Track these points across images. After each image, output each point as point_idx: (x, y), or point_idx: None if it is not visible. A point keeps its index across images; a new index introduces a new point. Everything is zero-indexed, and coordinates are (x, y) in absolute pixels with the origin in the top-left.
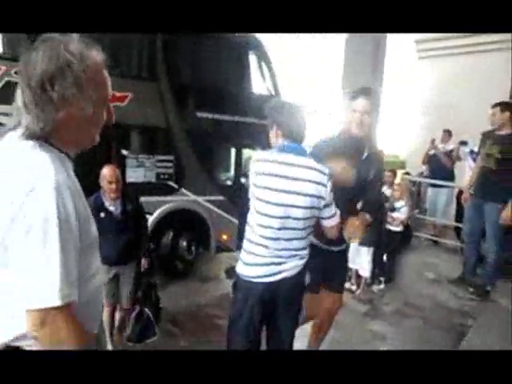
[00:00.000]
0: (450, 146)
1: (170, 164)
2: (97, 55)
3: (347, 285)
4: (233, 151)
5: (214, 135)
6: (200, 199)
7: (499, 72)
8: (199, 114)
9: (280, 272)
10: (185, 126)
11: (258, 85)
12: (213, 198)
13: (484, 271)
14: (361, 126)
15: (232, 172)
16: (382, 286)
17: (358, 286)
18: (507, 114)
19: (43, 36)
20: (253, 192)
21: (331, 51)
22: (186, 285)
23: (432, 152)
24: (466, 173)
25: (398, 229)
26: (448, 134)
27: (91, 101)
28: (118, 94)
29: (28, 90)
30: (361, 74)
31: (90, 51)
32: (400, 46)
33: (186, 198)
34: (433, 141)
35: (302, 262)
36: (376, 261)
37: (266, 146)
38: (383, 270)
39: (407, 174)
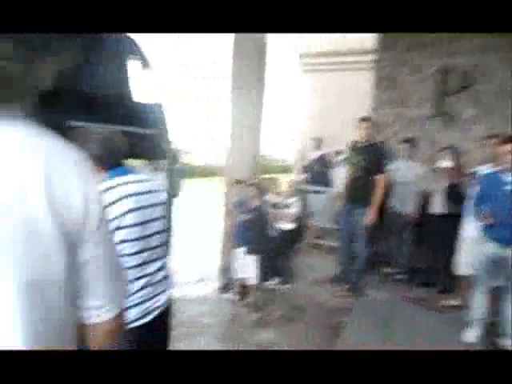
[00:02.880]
0: (318, 153)
1: None
2: None
3: (229, 295)
4: None
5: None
6: None
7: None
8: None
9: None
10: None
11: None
12: None
13: (356, 268)
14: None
15: None
16: (275, 282)
17: (242, 296)
18: (370, 127)
19: None
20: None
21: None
22: None
23: (306, 162)
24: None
25: (290, 226)
26: (319, 141)
27: None
28: None
29: None
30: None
31: None
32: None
33: None
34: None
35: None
36: (269, 265)
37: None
38: (278, 272)
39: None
